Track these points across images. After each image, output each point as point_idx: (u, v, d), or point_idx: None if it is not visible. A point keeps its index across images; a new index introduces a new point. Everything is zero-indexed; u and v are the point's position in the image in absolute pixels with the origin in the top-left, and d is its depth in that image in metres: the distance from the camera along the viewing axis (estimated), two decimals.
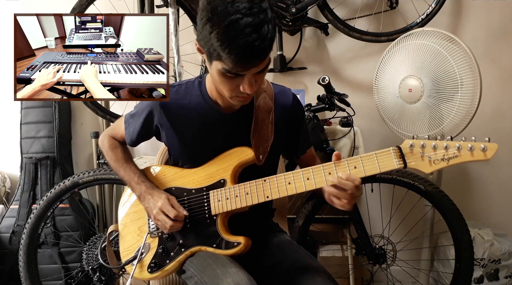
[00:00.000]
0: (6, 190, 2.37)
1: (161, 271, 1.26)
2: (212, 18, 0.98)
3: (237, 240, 1.19)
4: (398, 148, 1.06)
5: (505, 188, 2.35)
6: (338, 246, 2.20)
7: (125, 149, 1.39)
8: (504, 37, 2.26)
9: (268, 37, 0.99)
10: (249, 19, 0.96)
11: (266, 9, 1.00)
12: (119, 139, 1.39)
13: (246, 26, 0.96)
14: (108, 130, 1.42)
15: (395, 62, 1.83)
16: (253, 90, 1.07)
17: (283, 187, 1.16)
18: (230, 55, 0.98)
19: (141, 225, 1.32)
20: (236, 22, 0.96)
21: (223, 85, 1.09)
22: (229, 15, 0.96)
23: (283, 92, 1.30)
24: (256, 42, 0.97)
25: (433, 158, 1.03)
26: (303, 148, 1.38)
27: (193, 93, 1.24)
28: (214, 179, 1.24)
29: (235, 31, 0.96)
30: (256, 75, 1.06)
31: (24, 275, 1.90)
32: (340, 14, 2.19)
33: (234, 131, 1.25)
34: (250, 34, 0.96)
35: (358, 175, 1.08)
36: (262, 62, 1.03)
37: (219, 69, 1.04)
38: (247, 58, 1.00)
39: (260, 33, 0.97)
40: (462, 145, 1.00)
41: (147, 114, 1.27)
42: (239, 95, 1.10)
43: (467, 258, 1.78)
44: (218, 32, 0.97)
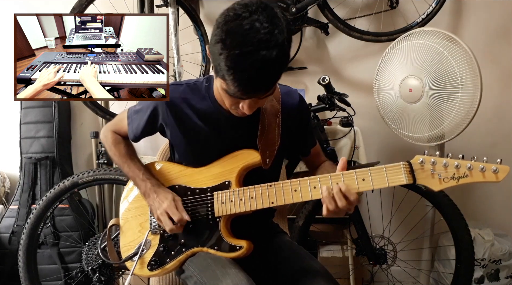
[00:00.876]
0: (5, 190, 2.36)
1: (161, 269, 1.25)
2: (225, 41, 0.95)
3: (239, 243, 1.18)
4: (408, 163, 1.04)
5: (505, 188, 2.34)
6: (338, 246, 2.20)
7: (128, 144, 1.36)
8: (504, 37, 2.26)
9: (277, 74, 0.99)
10: (262, 52, 0.93)
11: (283, 43, 0.96)
12: (122, 134, 1.36)
13: (256, 62, 0.94)
14: (110, 125, 1.39)
15: (396, 62, 1.83)
16: (252, 112, 1.08)
17: (289, 194, 1.14)
18: (234, 82, 0.97)
19: (143, 221, 1.31)
20: (248, 54, 0.93)
21: (225, 99, 1.10)
22: (242, 45, 0.93)
23: (289, 93, 1.29)
24: (263, 79, 0.97)
25: (443, 176, 1.01)
26: (309, 148, 1.38)
27: (201, 94, 1.23)
28: (219, 180, 1.23)
29: (245, 63, 0.94)
30: (258, 100, 1.07)
31: (24, 275, 1.90)
32: (340, 13, 2.19)
33: (240, 134, 1.23)
34: (259, 70, 0.95)
35: (366, 188, 1.06)
36: (265, 94, 1.04)
37: (222, 87, 1.04)
38: (251, 90, 1.00)
39: (269, 71, 0.97)
40: (473, 165, 0.98)
41: (152, 111, 1.25)
42: (239, 111, 1.11)
43: (467, 258, 1.78)
44: (227, 57, 0.95)
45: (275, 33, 0.95)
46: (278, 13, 0.98)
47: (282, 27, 0.97)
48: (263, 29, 0.94)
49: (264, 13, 0.96)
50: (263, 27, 0.94)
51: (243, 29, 0.94)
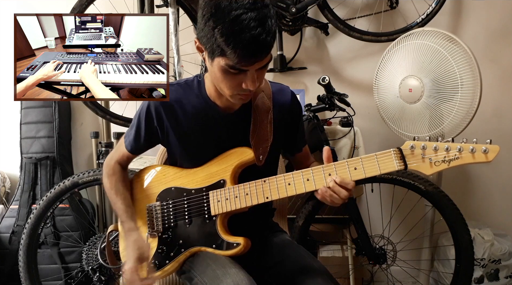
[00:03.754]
0: (6, 190, 2.37)
1: (160, 271, 1.25)
2: (216, 14, 0.99)
3: (236, 240, 1.19)
4: (398, 149, 1.06)
5: (505, 188, 2.35)
6: (338, 246, 2.20)
7: (121, 178, 1.34)
8: (504, 37, 2.26)
9: (272, 31, 1.01)
10: (253, 13, 0.97)
11: (268, 5, 1.01)
12: (124, 159, 1.35)
13: (250, 21, 0.97)
14: (112, 154, 1.38)
15: (395, 62, 1.83)
16: (255, 87, 1.07)
17: (283, 188, 1.16)
18: (235, 49, 0.98)
19: (140, 225, 1.32)
20: (241, 16, 0.97)
21: (225, 83, 1.08)
22: (233, 10, 0.97)
23: (281, 90, 1.30)
24: (262, 36, 0.98)
25: (434, 159, 1.02)
26: (299, 146, 1.38)
27: (192, 92, 1.24)
28: (214, 179, 1.24)
29: (240, 25, 0.97)
30: (258, 71, 1.07)
31: (24, 275, 1.90)
32: (340, 14, 2.19)
33: (233, 132, 1.24)
34: (255, 28, 0.97)
35: (359, 177, 1.09)
36: (266, 56, 1.04)
37: (222, 66, 1.04)
38: (253, 52, 1.00)
39: (265, 27, 0.98)
40: (463, 146, 1.00)
41: (146, 115, 1.25)
42: (241, 93, 1.10)
43: (467, 258, 1.78)
44: (222, 27, 0.98)
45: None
46: None
47: None
48: None
49: None
50: None
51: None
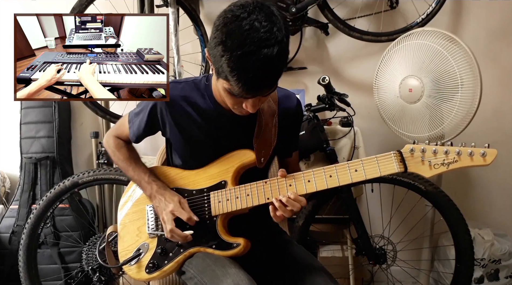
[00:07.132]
0: (5, 190, 2.37)
1: (159, 272, 1.25)
2: (226, 43, 0.96)
3: (236, 241, 1.19)
4: (399, 152, 1.08)
5: (505, 188, 2.35)
6: (338, 246, 2.20)
7: (131, 148, 1.38)
8: (504, 37, 2.25)
9: (279, 71, 1.00)
10: (263, 51, 0.95)
11: (282, 40, 0.98)
12: (124, 139, 1.37)
13: (258, 61, 0.95)
14: (112, 130, 1.41)
15: (395, 62, 1.83)
16: (256, 110, 1.09)
17: (284, 189, 1.16)
18: (238, 83, 0.98)
19: (140, 225, 1.32)
20: (250, 54, 0.95)
21: (227, 99, 1.10)
22: (244, 45, 0.95)
23: (287, 96, 1.30)
24: (266, 77, 0.98)
25: (433, 162, 1.05)
26: (291, 151, 1.39)
27: (199, 92, 1.23)
28: (215, 180, 1.24)
29: (247, 63, 0.95)
30: (261, 97, 1.07)
31: (24, 275, 1.90)
32: (340, 14, 2.19)
33: (237, 133, 1.24)
34: (262, 68, 0.96)
35: (359, 178, 1.10)
36: (268, 91, 1.04)
37: (225, 88, 1.04)
38: (255, 89, 1.01)
39: (272, 68, 0.98)
40: (462, 150, 1.02)
41: (152, 110, 1.25)
42: (242, 110, 1.11)
43: (467, 258, 1.78)
44: (229, 58, 0.96)
45: (274, 31, 0.96)
46: (275, 11, 1.00)
47: (280, 24, 0.99)
48: (263, 28, 0.95)
49: (261, 12, 0.97)
50: (262, 26, 0.95)
51: (243, 29, 0.95)
